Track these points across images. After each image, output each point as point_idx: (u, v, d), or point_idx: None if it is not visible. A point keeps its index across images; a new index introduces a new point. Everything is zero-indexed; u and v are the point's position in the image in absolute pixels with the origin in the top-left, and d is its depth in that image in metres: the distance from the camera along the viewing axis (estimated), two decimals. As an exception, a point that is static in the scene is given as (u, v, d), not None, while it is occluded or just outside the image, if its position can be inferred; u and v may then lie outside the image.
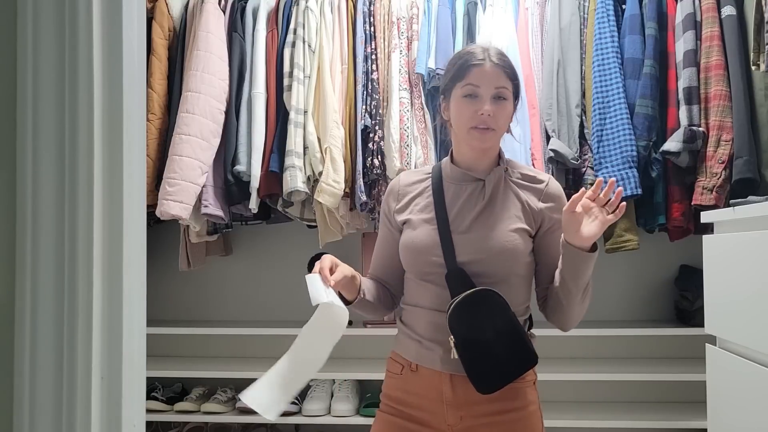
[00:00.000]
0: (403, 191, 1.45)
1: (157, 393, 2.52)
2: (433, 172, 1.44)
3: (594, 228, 1.23)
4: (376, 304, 1.45)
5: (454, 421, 1.32)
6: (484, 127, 1.33)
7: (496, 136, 1.36)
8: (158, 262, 2.72)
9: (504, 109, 1.34)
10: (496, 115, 1.33)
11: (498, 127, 1.34)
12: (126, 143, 0.93)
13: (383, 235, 1.48)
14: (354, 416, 2.41)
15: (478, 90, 1.33)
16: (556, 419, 2.27)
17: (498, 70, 1.34)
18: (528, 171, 1.43)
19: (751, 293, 1.39)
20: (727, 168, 2.10)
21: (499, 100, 1.33)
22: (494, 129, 1.34)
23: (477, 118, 1.33)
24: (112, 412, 0.90)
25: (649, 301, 2.65)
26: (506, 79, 1.34)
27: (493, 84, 1.33)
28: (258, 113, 2.38)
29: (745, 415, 1.43)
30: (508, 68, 1.35)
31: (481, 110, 1.32)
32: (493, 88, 1.33)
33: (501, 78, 1.34)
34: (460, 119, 1.36)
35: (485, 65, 1.33)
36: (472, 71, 1.34)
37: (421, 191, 1.42)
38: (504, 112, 1.35)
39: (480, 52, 1.35)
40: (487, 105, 1.32)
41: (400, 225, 1.42)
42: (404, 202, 1.43)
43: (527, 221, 1.36)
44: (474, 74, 1.34)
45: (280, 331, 2.55)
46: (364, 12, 2.43)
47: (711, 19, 2.19)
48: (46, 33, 0.91)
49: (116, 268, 0.91)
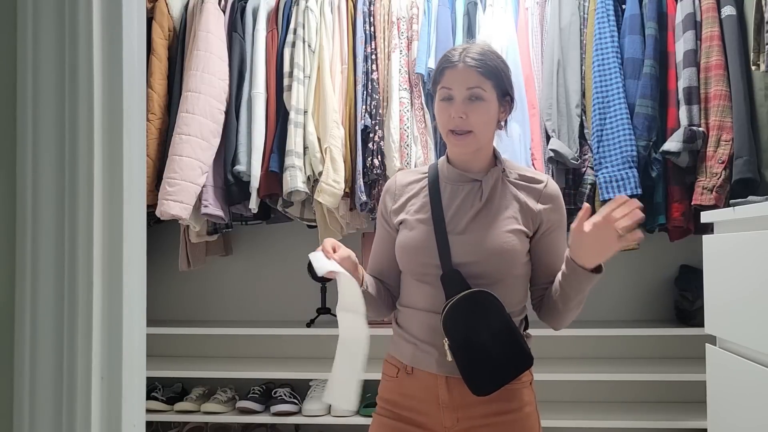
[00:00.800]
0: (399, 191, 1.44)
1: (157, 393, 2.52)
2: (429, 172, 1.42)
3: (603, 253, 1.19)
4: (377, 300, 1.42)
5: (451, 424, 1.32)
6: (459, 131, 1.31)
7: (476, 139, 1.32)
8: (158, 262, 2.72)
9: (479, 109, 1.31)
10: (470, 116, 1.30)
11: (476, 129, 1.31)
12: (126, 143, 0.93)
13: (380, 234, 1.47)
14: (354, 416, 2.41)
15: (452, 92, 1.32)
16: (555, 419, 2.27)
17: (470, 71, 1.31)
18: (526, 171, 1.41)
19: (751, 293, 1.39)
20: (727, 168, 2.10)
21: (474, 101, 1.31)
22: (472, 131, 1.31)
23: (451, 122, 1.32)
24: (112, 412, 0.90)
25: (649, 301, 2.65)
26: (481, 78, 1.31)
27: (464, 85, 1.31)
28: (258, 113, 2.38)
29: (745, 415, 1.43)
30: (482, 67, 1.31)
31: (452, 113, 1.31)
32: (465, 89, 1.31)
33: (473, 78, 1.30)
34: (440, 123, 1.36)
35: (458, 66, 1.31)
36: (446, 74, 1.33)
37: (418, 191, 1.41)
38: (480, 112, 1.31)
39: (456, 54, 1.33)
40: (458, 106, 1.30)
41: (397, 225, 1.41)
42: (401, 202, 1.42)
43: (525, 222, 1.34)
44: (447, 77, 1.33)
45: (280, 331, 2.56)
46: (364, 12, 2.43)
47: (711, 19, 2.19)
48: (46, 33, 0.91)
49: (116, 268, 0.91)
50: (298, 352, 2.70)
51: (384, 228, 1.46)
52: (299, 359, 2.65)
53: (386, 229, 1.45)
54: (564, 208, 1.41)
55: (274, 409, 2.41)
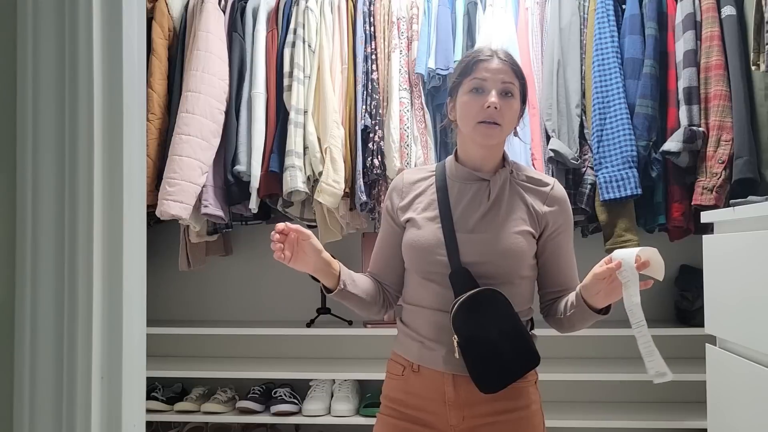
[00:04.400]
0: (407, 189, 1.44)
1: (157, 393, 2.51)
2: (437, 171, 1.43)
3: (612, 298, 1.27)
4: (364, 299, 1.40)
5: (457, 422, 1.32)
6: (490, 121, 1.32)
7: (502, 133, 1.35)
8: (158, 262, 2.72)
9: (511, 105, 1.35)
10: (502, 109, 1.33)
11: (504, 123, 1.34)
12: (126, 143, 0.93)
13: (385, 232, 1.47)
14: (354, 416, 2.41)
15: (485, 84, 1.34)
16: (556, 419, 2.27)
17: (506, 66, 1.35)
18: (533, 174, 1.43)
19: (751, 293, 1.39)
20: (727, 168, 2.10)
21: (506, 96, 1.34)
22: (500, 125, 1.33)
23: (484, 112, 1.32)
24: (112, 412, 0.90)
25: (649, 301, 2.63)
26: (514, 76, 1.35)
27: (500, 78, 1.33)
28: (258, 113, 2.38)
29: (745, 415, 1.43)
30: (515, 66, 1.37)
31: (488, 102, 1.32)
32: (500, 82, 1.33)
33: (508, 73, 1.34)
34: (468, 114, 1.35)
35: (493, 60, 1.35)
36: (480, 66, 1.35)
37: (425, 189, 1.42)
38: (511, 108, 1.35)
39: (488, 50, 1.37)
40: (494, 98, 1.32)
41: (404, 223, 1.41)
42: (408, 199, 1.43)
43: (532, 224, 1.36)
44: (481, 69, 1.34)
45: (280, 331, 2.56)
46: (364, 12, 2.43)
47: (711, 19, 2.19)
48: (46, 33, 0.91)
49: (116, 268, 0.92)
50: (298, 352, 2.70)
51: (390, 225, 1.46)
52: (299, 359, 2.65)
53: (392, 225, 1.45)
54: (570, 212, 1.42)
55: (274, 409, 2.41)
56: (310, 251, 1.30)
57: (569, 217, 1.40)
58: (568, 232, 1.40)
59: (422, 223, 1.37)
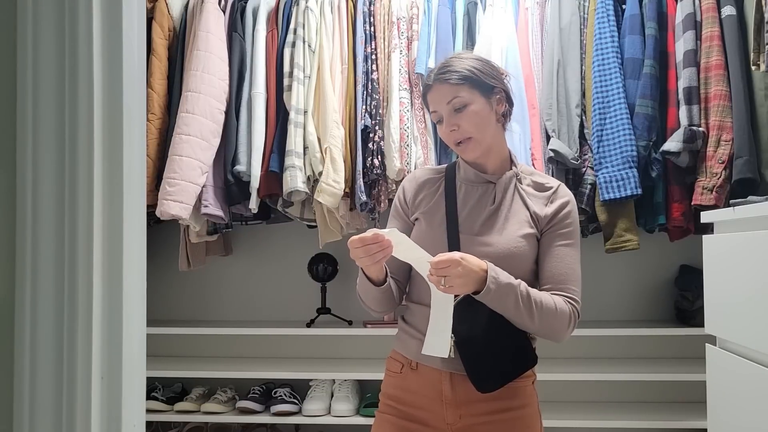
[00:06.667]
0: (419, 187, 1.46)
1: (157, 393, 2.51)
2: (447, 171, 1.46)
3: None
4: (390, 294, 1.39)
5: (453, 420, 1.33)
6: (459, 141, 1.37)
7: (477, 143, 1.37)
8: (158, 262, 2.72)
9: (466, 115, 1.35)
10: (461, 124, 1.36)
11: (472, 132, 1.36)
12: (126, 143, 0.93)
13: (396, 225, 1.45)
14: (354, 416, 2.41)
15: (438, 113, 1.39)
16: (555, 419, 2.27)
17: (442, 86, 1.37)
18: (539, 178, 1.44)
19: (751, 293, 1.39)
20: (727, 168, 2.10)
21: (459, 110, 1.36)
22: (471, 137, 1.36)
23: (450, 137, 1.38)
24: (112, 412, 0.90)
25: (649, 301, 2.65)
26: (454, 87, 1.35)
27: (443, 101, 1.37)
28: (258, 113, 2.38)
29: (745, 415, 1.43)
30: (451, 76, 1.35)
31: (444, 131, 1.38)
32: (445, 104, 1.36)
33: (447, 91, 1.36)
34: (444, 140, 1.42)
35: (434, 87, 1.38)
36: (429, 98, 1.41)
37: (435, 189, 1.44)
38: (468, 117, 1.35)
39: (431, 77, 1.40)
40: (447, 122, 1.37)
41: (413, 221, 1.44)
42: (419, 198, 1.45)
43: (534, 227, 1.37)
44: (429, 100, 1.41)
45: (280, 331, 2.56)
46: (364, 12, 2.43)
47: (711, 19, 2.19)
48: (46, 33, 0.91)
49: (116, 268, 0.91)
50: (298, 352, 2.70)
51: (401, 218, 1.46)
52: (299, 359, 2.65)
53: (404, 219, 1.46)
54: (573, 216, 1.38)
55: (274, 409, 2.41)
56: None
57: (569, 217, 1.38)
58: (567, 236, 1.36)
59: (428, 222, 1.39)
